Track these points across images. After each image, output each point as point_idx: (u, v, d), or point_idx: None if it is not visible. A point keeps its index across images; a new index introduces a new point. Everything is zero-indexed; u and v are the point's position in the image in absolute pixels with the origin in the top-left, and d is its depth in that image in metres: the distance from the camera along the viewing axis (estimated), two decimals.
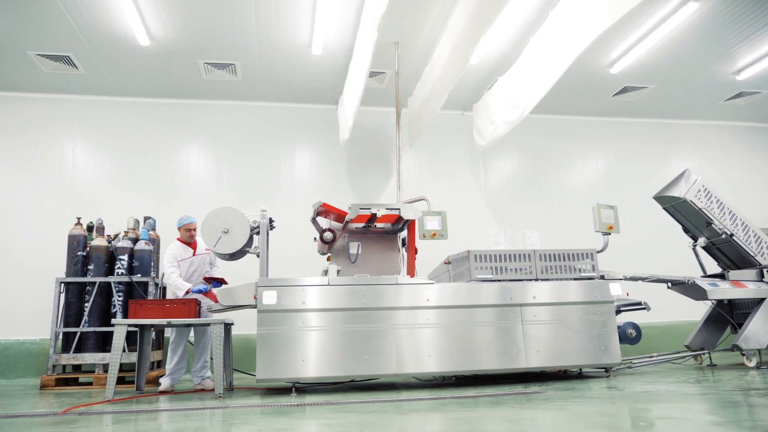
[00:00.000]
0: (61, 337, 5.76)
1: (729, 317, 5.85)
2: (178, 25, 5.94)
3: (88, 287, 5.85)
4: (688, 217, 5.94)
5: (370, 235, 5.75)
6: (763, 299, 5.40)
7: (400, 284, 4.82)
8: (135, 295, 5.87)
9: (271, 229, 5.38)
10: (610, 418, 2.75)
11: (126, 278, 5.85)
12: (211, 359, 5.75)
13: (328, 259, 5.63)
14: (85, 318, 5.74)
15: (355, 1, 5.63)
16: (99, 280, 5.81)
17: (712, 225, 5.69)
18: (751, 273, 5.63)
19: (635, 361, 5.55)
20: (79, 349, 5.73)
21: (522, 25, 6.24)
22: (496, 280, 4.99)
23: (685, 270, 6.18)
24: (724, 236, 5.70)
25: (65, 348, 5.71)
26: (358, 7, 5.71)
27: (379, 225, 5.62)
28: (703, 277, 5.92)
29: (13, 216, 7.02)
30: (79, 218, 6.13)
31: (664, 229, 7.22)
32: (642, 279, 5.72)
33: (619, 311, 5.74)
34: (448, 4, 5.71)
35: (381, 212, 5.15)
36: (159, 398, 4.53)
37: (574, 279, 5.14)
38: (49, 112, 7.37)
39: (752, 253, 5.67)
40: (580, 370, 5.53)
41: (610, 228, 5.48)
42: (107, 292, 5.90)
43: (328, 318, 4.62)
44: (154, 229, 6.43)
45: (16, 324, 6.65)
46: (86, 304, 5.79)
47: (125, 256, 5.98)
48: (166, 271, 5.17)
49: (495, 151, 8.51)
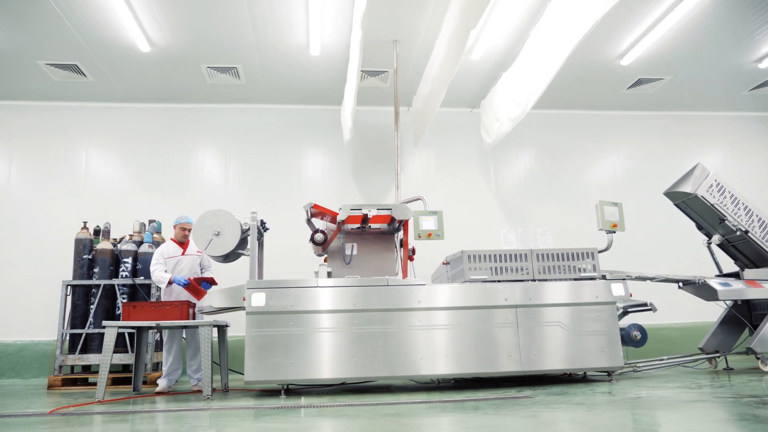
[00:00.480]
0: (68, 338, 5.91)
1: (745, 318, 5.54)
2: (176, 31, 6.02)
3: (94, 289, 5.98)
4: (700, 213, 5.66)
5: (367, 236, 5.69)
6: None
7: (391, 286, 4.74)
8: (138, 297, 5.98)
9: (265, 231, 5.40)
10: (577, 427, 2.61)
11: (129, 280, 5.96)
12: (216, 362, 5.79)
13: (325, 260, 5.61)
14: (90, 319, 5.88)
15: (346, 1, 5.58)
16: (103, 282, 5.94)
17: (726, 221, 5.40)
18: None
19: (641, 364, 5.30)
20: (85, 350, 5.86)
21: (523, 19, 6.08)
22: (490, 281, 4.85)
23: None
24: (739, 233, 5.40)
25: (72, 349, 5.85)
26: (350, 7, 5.66)
27: (375, 226, 5.56)
28: (718, 276, 5.62)
29: (31, 220, 7.24)
30: (85, 222, 6.28)
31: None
32: (650, 279, 5.48)
33: (626, 312, 5.52)
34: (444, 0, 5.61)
35: (372, 213, 5.08)
36: (149, 399, 4.58)
37: (574, 279, 4.96)
38: (62, 120, 7.59)
39: None
40: (584, 373, 5.33)
41: (614, 226, 5.27)
42: (112, 294, 6.02)
43: (317, 320, 4.58)
44: (159, 232, 6.52)
45: (33, 325, 6.86)
46: (92, 306, 5.92)
47: (129, 259, 6.09)
48: (151, 268, 5.26)
49: (506, 148, 8.33)
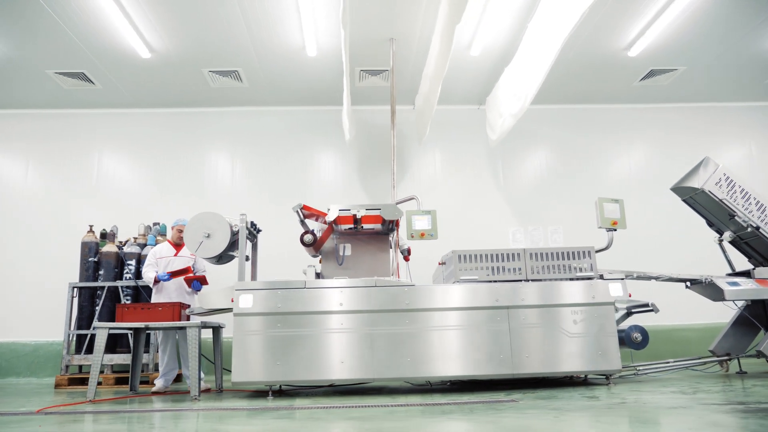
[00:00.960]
0: (74, 339, 6.08)
1: (760, 319, 5.25)
2: (173, 36, 6.11)
3: (99, 291, 6.14)
4: (709, 209, 5.40)
5: (361, 237, 5.64)
6: None
7: (379, 287, 4.68)
8: (141, 299, 6.10)
9: (257, 232, 5.42)
10: None
11: (132, 282, 6.09)
12: (212, 360, 5.86)
13: (320, 261, 5.59)
14: (95, 321, 6.03)
15: (336, 1, 5.55)
16: (107, 284, 6.09)
17: (736, 217, 5.13)
18: None
19: (641, 367, 5.08)
20: (90, 350, 6.02)
21: (520, 11, 5.93)
22: (481, 281, 4.73)
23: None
24: (750, 229, 5.12)
25: (78, 349, 6.02)
26: (339, 7, 5.62)
27: (368, 226, 5.51)
28: (730, 275, 5.34)
29: (47, 223, 7.47)
30: (91, 226, 6.45)
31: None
32: (654, 278, 5.25)
33: (630, 313, 5.31)
34: None
35: (361, 213, 5.04)
36: (140, 399, 4.65)
37: (570, 279, 4.79)
38: (74, 126, 7.82)
39: None
40: (585, 376, 5.15)
41: (614, 223, 5.07)
42: (116, 296, 6.16)
43: (304, 321, 4.56)
44: (163, 234, 6.64)
45: (47, 326, 7.07)
46: (97, 308, 6.08)
47: (133, 261, 6.22)
48: (142, 270, 5.38)
49: (516, 144, 8.15)
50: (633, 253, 7.65)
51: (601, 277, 4.78)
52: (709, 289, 4.98)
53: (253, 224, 5.19)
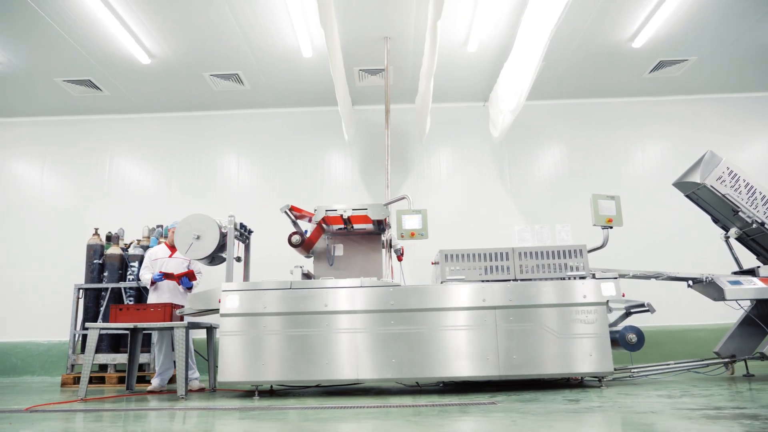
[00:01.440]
0: (79, 339, 6.26)
1: (761, 321, 5.00)
2: (171, 41, 6.22)
3: (103, 293, 6.31)
4: (713, 205, 5.17)
5: (353, 237, 5.64)
6: None
7: (364, 287, 4.65)
8: (144, 300, 6.23)
9: (249, 234, 5.46)
10: None
11: (135, 284, 6.23)
12: (207, 359, 5.93)
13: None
14: (100, 321, 6.19)
15: (325, 2, 5.54)
16: (111, 285, 6.25)
17: (740, 213, 4.90)
18: None
19: (635, 369, 4.90)
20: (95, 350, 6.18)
21: (514, 6, 5.80)
22: (468, 281, 4.65)
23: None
24: (755, 225, 4.88)
25: (83, 349, 6.19)
26: (330, 8, 5.61)
27: (360, 226, 5.49)
28: (735, 273, 5.11)
29: (62, 226, 7.71)
30: (96, 229, 6.64)
31: None
32: (654, 277, 5.06)
33: (629, 313, 5.15)
34: None
35: (348, 213, 5.03)
36: (131, 398, 4.74)
37: (561, 278, 4.66)
38: (85, 132, 8.05)
39: None
40: (582, 378, 5.01)
41: (609, 221, 4.92)
42: (119, 297, 6.31)
43: (289, 322, 4.58)
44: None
45: (60, 326, 7.30)
46: (101, 309, 6.24)
47: (136, 263, 6.36)
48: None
49: (521, 141, 8.00)
50: (647, 250, 7.42)
51: (593, 277, 4.64)
52: (710, 289, 4.77)
53: (243, 225, 5.23)
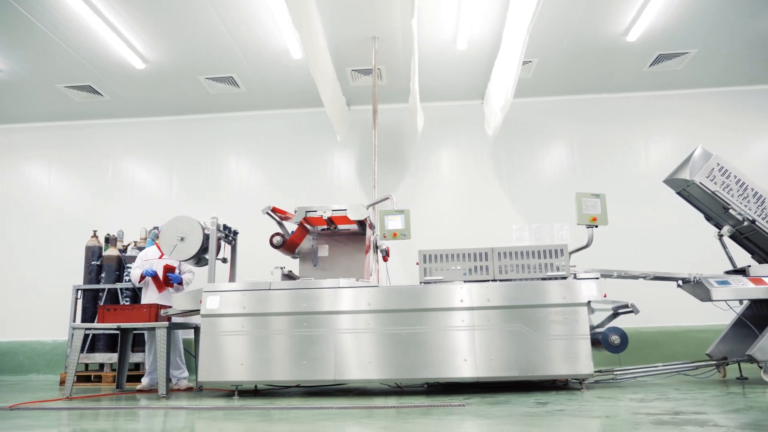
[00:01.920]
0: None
1: (765, 321, 4.82)
2: (162, 46, 6.32)
3: (100, 293, 6.46)
4: (704, 202, 5.01)
5: (338, 238, 5.65)
6: None
7: (342, 288, 4.66)
8: (139, 300, 6.35)
9: (235, 235, 5.52)
10: None
11: (130, 284, 6.36)
12: (196, 358, 6.01)
13: None
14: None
15: (309, 4, 5.56)
16: (108, 286, 6.40)
17: (730, 210, 4.74)
18: None
19: (617, 372, 4.78)
20: (92, 349, 6.35)
21: (501, 3, 5.72)
22: (446, 282, 4.62)
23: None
24: (746, 223, 4.72)
25: (81, 348, 6.35)
26: (320, 10, 5.64)
27: (345, 227, 5.51)
28: (727, 272, 4.95)
29: (69, 227, 7.91)
30: (95, 231, 6.80)
31: None
32: (642, 277, 4.93)
33: (616, 314, 5.03)
34: None
35: (327, 214, 5.04)
36: (116, 397, 4.84)
37: (542, 279, 4.59)
38: (88, 137, 8.25)
39: None
40: (567, 380, 4.92)
41: (593, 220, 4.81)
42: (116, 298, 6.46)
43: (268, 322, 4.62)
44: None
45: (65, 326, 7.52)
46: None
47: (132, 264, 6.50)
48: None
49: (520, 139, 7.90)
50: (648, 249, 7.24)
51: (575, 277, 4.55)
52: (698, 289, 4.63)
53: (227, 227, 5.29)
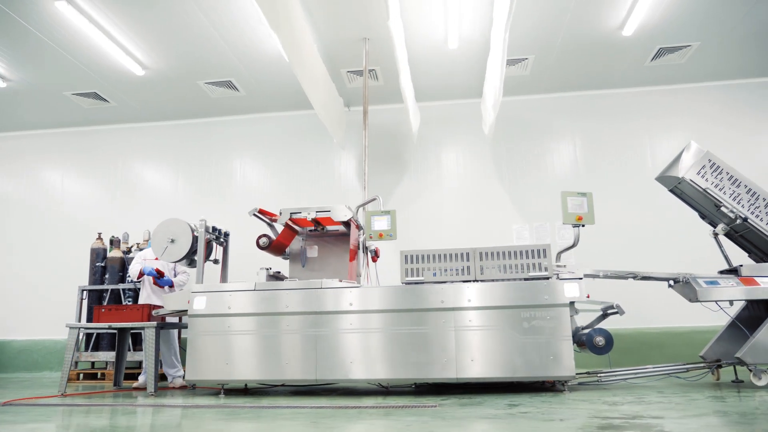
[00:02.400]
0: (83, 337, 6.65)
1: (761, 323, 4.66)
2: (159, 53, 6.48)
3: (104, 294, 6.67)
4: (697, 200, 4.88)
5: (327, 239, 5.70)
6: None
7: (324, 288, 4.71)
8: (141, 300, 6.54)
9: (226, 236, 5.62)
10: None
11: (132, 285, 6.55)
12: (182, 354, 6.13)
13: None
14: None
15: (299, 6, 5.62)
16: (111, 287, 6.60)
17: (722, 208, 4.60)
18: None
19: (603, 374, 4.69)
20: (96, 348, 6.57)
21: (487, 1, 5.68)
22: (427, 282, 4.61)
23: None
24: (739, 221, 4.57)
25: (86, 347, 6.59)
26: (312, 13, 5.70)
27: (333, 227, 5.55)
28: (721, 272, 4.80)
29: (80, 230, 8.16)
30: (99, 233, 7.01)
31: None
32: (632, 277, 4.83)
33: (605, 315, 4.93)
34: None
35: (312, 215, 5.09)
36: (109, 395, 4.99)
37: (524, 279, 4.55)
38: (97, 142, 8.51)
39: None
40: (554, 382, 4.85)
41: (579, 219, 4.73)
42: (119, 298, 6.66)
43: (252, 322, 4.70)
44: None
45: None
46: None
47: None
48: (130, 269, 5.86)
49: (519, 136, 7.82)
50: (650, 249, 7.07)
51: (557, 277, 4.49)
52: (686, 289, 4.51)
53: (217, 229, 5.40)
